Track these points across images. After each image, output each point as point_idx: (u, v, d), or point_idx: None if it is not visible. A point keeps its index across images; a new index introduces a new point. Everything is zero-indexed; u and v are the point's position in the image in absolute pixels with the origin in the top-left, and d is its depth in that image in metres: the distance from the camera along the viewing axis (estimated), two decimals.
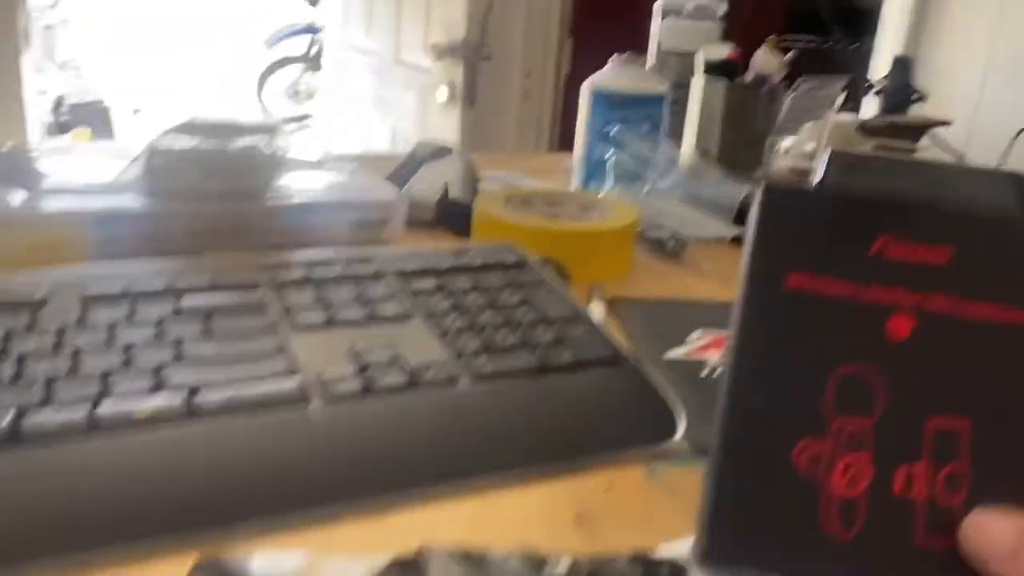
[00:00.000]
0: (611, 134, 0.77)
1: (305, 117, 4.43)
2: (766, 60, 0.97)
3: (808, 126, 1.06)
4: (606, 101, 0.82)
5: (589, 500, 0.39)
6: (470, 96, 2.26)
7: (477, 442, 0.41)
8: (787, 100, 0.95)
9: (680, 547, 0.34)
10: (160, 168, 0.62)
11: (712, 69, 0.85)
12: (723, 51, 0.89)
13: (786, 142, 1.09)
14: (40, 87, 3.29)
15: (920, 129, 1.03)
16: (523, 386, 0.45)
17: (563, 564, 0.32)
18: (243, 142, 0.64)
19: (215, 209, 0.61)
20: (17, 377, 0.40)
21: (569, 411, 0.45)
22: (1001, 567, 0.24)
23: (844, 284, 0.28)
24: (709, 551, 0.25)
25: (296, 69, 4.66)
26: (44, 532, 0.33)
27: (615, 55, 0.85)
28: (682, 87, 0.91)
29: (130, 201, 0.61)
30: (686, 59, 0.93)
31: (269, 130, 0.67)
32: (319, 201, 0.64)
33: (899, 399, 0.27)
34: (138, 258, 0.57)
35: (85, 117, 3.35)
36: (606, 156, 0.76)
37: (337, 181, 0.68)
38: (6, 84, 2.40)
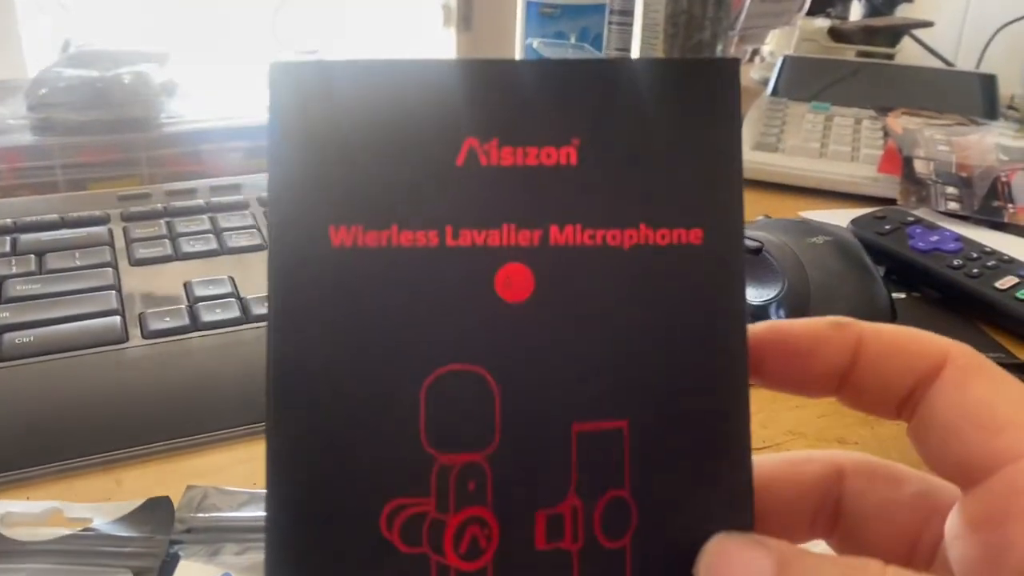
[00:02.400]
0: (532, 48, 0.73)
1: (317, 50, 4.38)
2: None
3: (775, 33, 1.00)
4: (537, 12, 0.77)
5: None
6: (466, 17, 2.19)
7: None
8: (745, 6, 0.89)
9: None
10: (44, 101, 0.60)
11: None
12: None
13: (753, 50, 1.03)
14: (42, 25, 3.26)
15: (896, 32, 0.96)
16: None
17: None
18: (130, 71, 0.61)
19: (98, 141, 0.59)
20: None
21: None
22: None
23: (422, 232, 0.18)
24: None
25: None
26: None
27: None
28: None
29: (13, 137, 0.59)
30: None
31: (159, 58, 0.64)
32: (209, 128, 0.61)
33: (524, 404, 0.18)
34: (21, 195, 0.55)
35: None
36: None
37: (233, 107, 0.65)
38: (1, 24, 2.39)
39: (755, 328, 0.21)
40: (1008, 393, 0.19)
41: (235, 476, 0.34)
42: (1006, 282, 0.49)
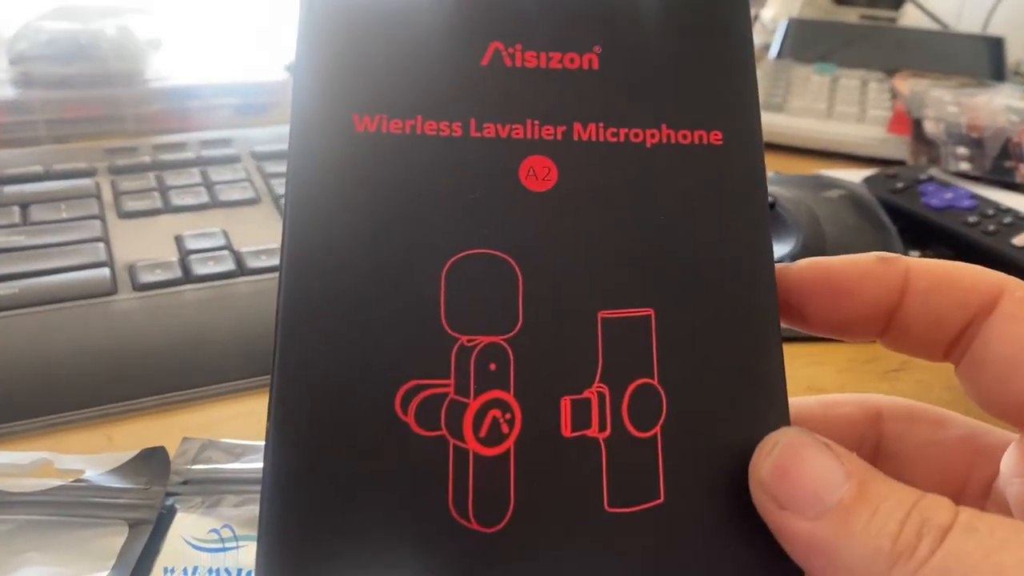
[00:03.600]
0: None
1: None
2: None
3: None
4: None
5: None
6: None
7: None
8: None
9: None
10: (25, 55, 0.58)
11: None
12: None
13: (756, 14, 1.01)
14: None
15: None
16: None
17: None
18: (114, 23, 0.59)
19: (82, 95, 0.56)
20: None
21: None
22: (825, 525, 0.15)
23: (446, 123, 0.18)
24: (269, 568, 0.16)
25: None
26: None
27: None
28: None
29: None
30: None
31: (143, 11, 0.61)
32: (197, 85, 0.59)
33: (548, 289, 0.17)
34: (2, 151, 0.53)
35: None
36: None
37: (222, 62, 0.63)
38: None
39: (796, 266, 0.19)
40: None
41: (230, 431, 0.32)
42: (1023, 239, 0.48)
